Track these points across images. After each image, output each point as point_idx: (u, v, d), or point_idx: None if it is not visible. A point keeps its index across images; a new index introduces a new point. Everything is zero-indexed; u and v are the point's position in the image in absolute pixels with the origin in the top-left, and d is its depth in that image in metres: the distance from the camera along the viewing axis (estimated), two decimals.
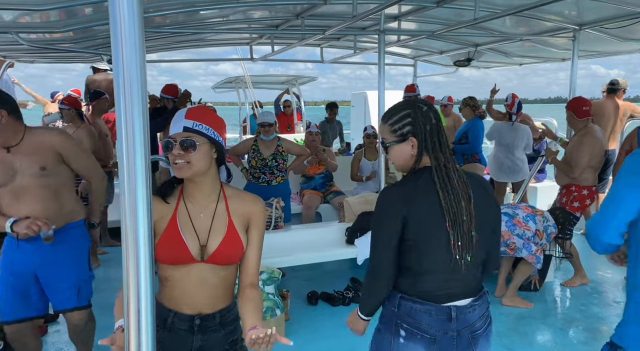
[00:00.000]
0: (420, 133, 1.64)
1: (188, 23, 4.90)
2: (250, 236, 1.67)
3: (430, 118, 1.65)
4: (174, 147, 1.53)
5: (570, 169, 4.19)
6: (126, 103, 0.92)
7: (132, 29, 0.89)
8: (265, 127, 4.60)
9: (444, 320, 1.62)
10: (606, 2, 4.15)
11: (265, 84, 10.47)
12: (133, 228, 0.93)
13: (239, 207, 1.65)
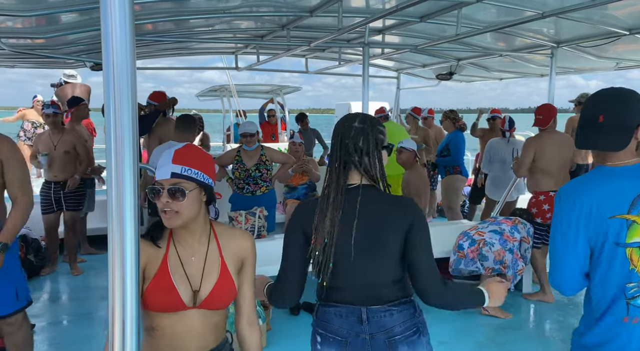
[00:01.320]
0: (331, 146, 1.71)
1: (174, 31, 4.91)
2: (245, 273, 1.63)
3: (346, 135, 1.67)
4: (162, 195, 1.44)
5: (516, 168, 4.38)
6: (116, 111, 0.93)
7: (124, 37, 0.90)
8: (247, 137, 4.59)
9: (355, 322, 1.66)
10: (582, 21, 4.30)
11: (250, 93, 10.48)
12: (120, 236, 0.94)
13: (231, 246, 1.60)
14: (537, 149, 4.24)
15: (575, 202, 1.55)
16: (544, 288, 4.37)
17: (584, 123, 1.61)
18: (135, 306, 0.96)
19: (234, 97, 8.63)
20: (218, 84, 8.94)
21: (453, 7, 4.10)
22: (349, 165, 1.67)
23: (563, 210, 1.58)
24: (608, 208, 1.52)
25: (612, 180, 1.55)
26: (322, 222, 1.64)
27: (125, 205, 0.92)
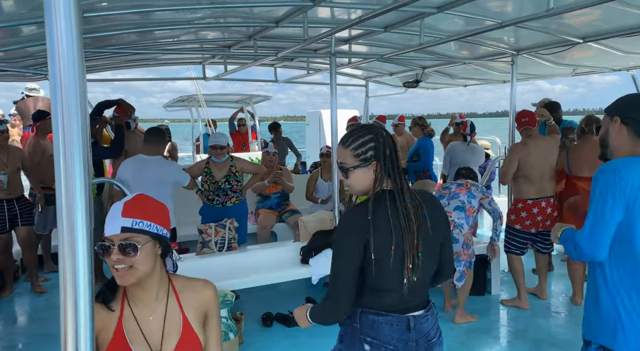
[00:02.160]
0: (382, 158, 1.70)
1: (139, 43, 4.84)
2: (209, 327, 1.53)
3: (390, 144, 1.72)
4: (112, 251, 1.35)
5: (501, 176, 4.42)
6: (64, 127, 0.91)
7: (71, 50, 0.89)
8: (217, 149, 4.55)
9: (404, 330, 1.70)
10: (540, 30, 4.46)
11: (219, 102, 10.41)
12: (72, 258, 0.92)
13: (192, 299, 1.50)
14: (521, 156, 4.24)
15: (622, 178, 1.75)
16: (520, 294, 4.40)
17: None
18: (90, 331, 0.93)
19: (202, 106, 8.55)
20: (190, 93, 8.83)
21: (416, 18, 4.19)
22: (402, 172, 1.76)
23: (610, 186, 1.76)
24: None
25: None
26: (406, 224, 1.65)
27: (76, 224, 0.90)
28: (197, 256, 4.29)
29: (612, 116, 1.89)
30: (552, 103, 5.37)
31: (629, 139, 1.84)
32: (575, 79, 6.87)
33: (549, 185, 4.31)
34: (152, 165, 4.01)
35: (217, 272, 3.97)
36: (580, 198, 4.03)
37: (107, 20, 3.71)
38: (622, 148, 1.87)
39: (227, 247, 4.35)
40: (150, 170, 3.98)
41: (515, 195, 4.44)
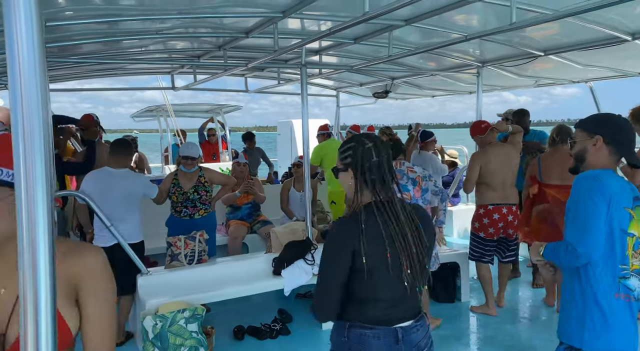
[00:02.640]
0: (358, 168, 1.74)
1: (106, 52, 4.74)
2: (85, 307, 1.17)
3: (370, 156, 1.73)
4: None
5: (464, 184, 4.48)
6: (25, 138, 0.87)
7: (32, 59, 0.86)
8: (188, 160, 4.49)
9: (392, 343, 1.70)
10: (504, 43, 4.61)
11: (189, 112, 10.29)
12: (32, 271, 0.88)
13: (61, 270, 1.05)
14: (482, 164, 4.34)
15: (605, 187, 1.89)
16: (488, 301, 4.46)
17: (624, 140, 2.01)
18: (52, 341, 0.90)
19: (171, 116, 8.42)
20: (159, 103, 8.70)
21: (384, 30, 4.26)
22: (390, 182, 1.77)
23: (594, 191, 1.89)
24: (623, 200, 1.91)
25: (619, 180, 1.98)
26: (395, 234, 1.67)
27: (38, 240, 0.87)
28: (166, 270, 4.19)
29: (593, 135, 1.99)
30: (520, 110, 5.41)
31: (608, 157, 1.98)
32: (539, 90, 7.11)
33: (511, 192, 4.41)
34: (118, 178, 3.91)
35: (187, 286, 3.90)
36: (550, 206, 4.13)
37: (72, 30, 3.62)
38: (599, 164, 1.99)
39: (197, 260, 4.26)
40: (117, 183, 3.88)
41: (477, 202, 4.52)
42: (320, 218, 6.00)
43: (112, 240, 3.80)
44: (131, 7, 3.39)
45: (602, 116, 2.11)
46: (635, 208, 1.94)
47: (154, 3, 3.30)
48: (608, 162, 2.00)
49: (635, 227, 1.92)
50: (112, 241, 3.81)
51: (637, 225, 1.93)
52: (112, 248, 3.85)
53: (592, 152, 2.00)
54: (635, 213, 1.93)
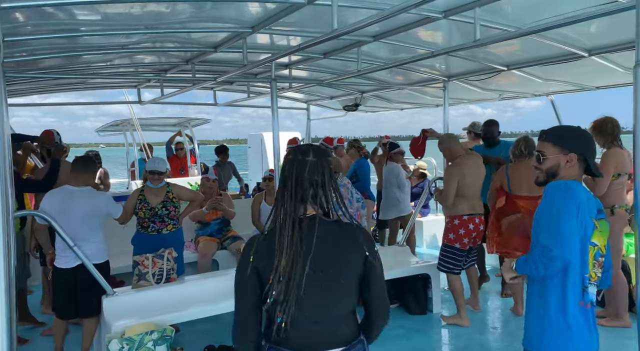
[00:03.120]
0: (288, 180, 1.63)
1: (68, 67, 4.61)
2: None
3: (301, 171, 1.62)
4: None
5: (443, 199, 4.44)
6: None
7: None
8: (155, 175, 4.38)
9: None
10: (468, 59, 4.74)
11: (156, 126, 10.10)
12: None
13: None
14: (459, 178, 4.35)
15: (576, 196, 1.96)
16: (460, 312, 4.47)
17: (594, 157, 2.09)
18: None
19: (138, 131, 8.24)
20: (126, 116, 8.46)
21: (353, 45, 4.31)
22: (306, 198, 1.64)
23: (567, 198, 1.95)
24: (590, 210, 1.97)
25: (587, 191, 2.05)
26: (282, 257, 1.55)
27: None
28: (132, 290, 4.06)
29: (568, 152, 2.03)
30: (489, 121, 5.44)
31: (577, 171, 2.05)
32: (504, 103, 7.32)
33: (478, 202, 4.49)
34: (79, 196, 3.77)
35: (156, 306, 3.78)
36: (522, 217, 4.21)
37: (32, 44, 3.51)
38: (569, 177, 2.04)
39: (165, 279, 4.14)
40: (78, 201, 3.74)
41: (450, 213, 4.51)
42: None
43: (75, 261, 3.67)
44: (95, 22, 3.31)
45: (574, 133, 2.11)
46: (599, 220, 2.00)
47: (119, 18, 3.24)
48: (577, 175, 2.07)
49: (597, 237, 1.98)
50: (75, 262, 3.67)
51: (599, 235, 1.99)
52: (75, 270, 3.70)
53: (565, 168, 2.04)
54: (598, 224, 1.98)
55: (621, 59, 4.23)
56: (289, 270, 1.55)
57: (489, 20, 3.49)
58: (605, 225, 2.03)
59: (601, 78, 5.22)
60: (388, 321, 1.75)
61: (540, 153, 2.09)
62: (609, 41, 3.89)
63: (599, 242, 1.99)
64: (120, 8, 3.00)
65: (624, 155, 4.03)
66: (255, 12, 3.36)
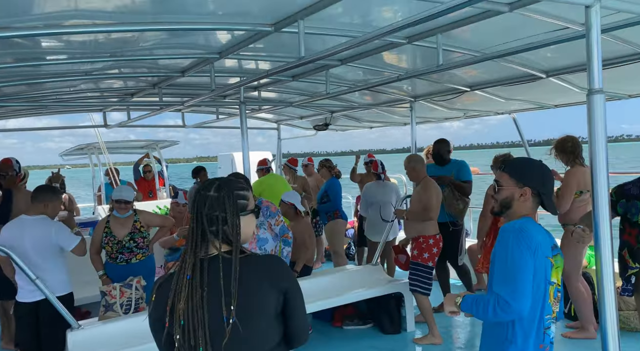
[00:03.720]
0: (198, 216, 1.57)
1: (31, 93, 4.49)
2: None
3: (202, 205, 1.56)
4: None
5: (425, 211, 4.39)
6: None
7: None
8: (122, 204, 4.23)
9: None
10: (433, 81, 4.87)
11: (124, 149, 9.90)
12: None
13: None
14: (436, 196, 4.40)
15: (531, 239, 1.90)
16: (432, 330, 4.46)
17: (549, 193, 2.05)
18: None
19: (104, 153, 8.05)
20: (92, 137, 8.21)
21: (321, 69, 4.37)
22: (207, 235, 1.55)
23: (522, 243, 1.90)
24: (545, 250, 1.93)
25: (541, 229, 2.00)
26: (180, 301, 1.47)
27: None
28: (99, 321, 3.92)
29: (522, 185, 1.99)
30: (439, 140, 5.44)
31: (530, 207, 2.01)
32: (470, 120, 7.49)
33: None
34: (30, 225, 3.62)
35: (124, 338, 3.65)
36: None
37: None
38: (519, 212, 2.01)
39: (134, 308, 4.03)
40: (31, 232, 3.59)
41: (423, 232, 4.47)
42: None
43: (37, 295, 3.52)
44: (58, 50, 3.25)
45: (532, 168, 2.06)
46: (554, 256, 1.98)
47: (82, 46, 3.19)
48: (530, 210, 2.02)
49: (555, 275, 1.96)
50: (38, 296, 3.52)
51: (556, 272, 1.97)
52: (37, 304, 3.55)
53: (518, 202, 2.00)
54: (554, 261, 1.96)
55: (576, 79, 4.45)
56: (190, 314, 1.47)
57: (451, 45, 3.61)
58: (560, 260, 2.02)
59: (559, 97, 5.46)
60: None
61: (497, 182, 2.07)
62: (564, 63, 4.08)
63: (557, 278, 1.97)
64: (84, 36, 2.96)
65: (586, 173, 4.15)
66: (222, 38, 3.37)
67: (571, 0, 1.95)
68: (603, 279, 1.99)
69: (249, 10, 2.79)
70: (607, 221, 2.01)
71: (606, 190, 1.99)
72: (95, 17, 2.60)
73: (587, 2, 1.93)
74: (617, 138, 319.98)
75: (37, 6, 2.41)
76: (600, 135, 1.96)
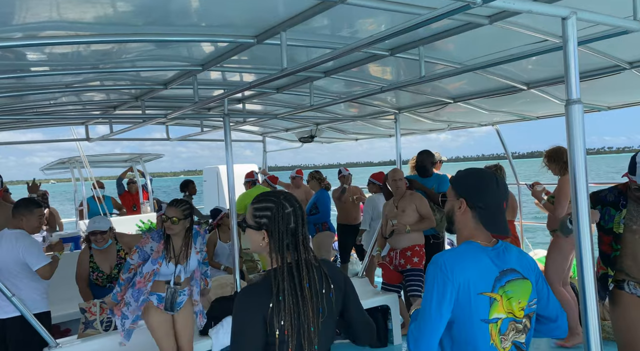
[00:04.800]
0: (275, 232, 1.68)
1: (10, 106, 4.42)
2: None
3: (289, 221, 1.69)
4: None
5: (429, 220, 4.65)
6: None
7: None
8: (97, 235, 4.09)
9: None
10: (417, 93, 4.91)
11: (107, 163, 9.77)
12: None
13: None
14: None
15: (455, 275, 1.66)
16: None
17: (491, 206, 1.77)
18: None
19: (86, 167, 7.92)
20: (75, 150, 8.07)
21: (305, 81, 4.38)
22: (305, 243, 1.72)
23: (439, 281, 1.68)
24: (479, 285, 1.68)
25: (482, 258, 1.73)
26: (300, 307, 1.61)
27: None
28: (78, 339, 3.81)
29: (459, 195, 1.81)
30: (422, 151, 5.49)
31: (471, 222, 1.78)
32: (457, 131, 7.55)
33: None
34: (7, 239, 3.55)
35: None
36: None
37: None
38: (464, 229, 1.81)
39: (114, 326, 3.92)
40: (6, 246, 3.53)
41: (417, 241, 4.67)
42: (250, 267, 5.82)
43: (5, 313, 3.43)
44: (39, 62, 3.21)
45: (467, 177, 1.86)
46: (508, 283, 1.72)
47: (63, 58, 3.15)
48: (473, 229, 1.78)
49: (500, 309, 1.70)
50: (5, 314, 3.43)
51: (502, 306, 1.70)
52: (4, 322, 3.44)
53: (458, 214, 1.81)
54: (498, 295, 1.70)
55: (556, 91, 4.53)
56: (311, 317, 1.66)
57: (433, 57, 3.65)
58: (519, 285, 1.74)
59: (541, 108, 5.54)
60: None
61: (443, 195, 1.95)
62: (544, 75, 4.15)
63: (504, 312, 1.70)
64: (66, 48, 2.93)
65: None
66: (205, 50, 3.36)
67: (548, 12, 1.97)
68: (585, 288, 1.98)
69: (231, 21, 2.79)
70: (588, 230, 2.01)
71: (586, 199, 1.99)
72: (76, 29, 2.57)
73: (564, 14, 1.96)
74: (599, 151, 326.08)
75: (17, 16, 2.38)
76: (578, 144, 1.97)
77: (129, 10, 2.42)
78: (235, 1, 2.48)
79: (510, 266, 1.75)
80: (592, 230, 2.05)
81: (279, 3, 2.51)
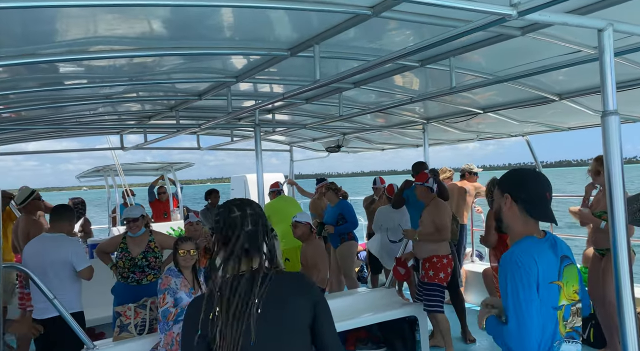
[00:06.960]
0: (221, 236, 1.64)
1: (51, 116, 4.62)
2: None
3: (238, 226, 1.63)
4: None
5: (439, 232, 4.41)
6: None
7: None
8: (130, 222, 4.29)
9: None
10: (446, 102, 4.90)
11: (139, 171, 10.04)
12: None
13: None
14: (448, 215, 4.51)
15: (530, 271, 1.74)
16: (449, 349, 4.43)
17: (533, 197, 1.86)
18: None
19: (120, 176, 8.17)
20: (109, 159, 8.36)
21: (334, 92, 4.44)
22: (253, 251, 1.62)
23: (521, 277, 1.74)
24: (548, 275, 1.77)
25: (544, 249, 1.82)
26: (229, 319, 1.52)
27: None
28: (114, 342, 3.92)
29: (503, 192, 1.90)
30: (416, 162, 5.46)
31: (520, 217, 1.85)
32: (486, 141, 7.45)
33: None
34: (50, 242, 3.73)
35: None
36: None
37: (11, 97, 3.53)
38: (515, 225, 1.88)
39: (148, 329, 4.02)
40: (48, 248, 3.70)
41: (436, 253, 4.47)
42: None
43: (48, 313, 3.55)
44: (78, 75, 3.36)
45: (510, 174, 1.97)
46: (564, 269, 1.83)
47: (102, 71, 3.29)
48: (524, 223, 1.86)
49: (563, 296, 1.81)
50: (48, 313, 3.56)
51: (564, 292, 1.81)
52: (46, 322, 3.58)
53: (505, 212, 1.88)
54: (562, 282, 1.80)
55: (590, 102, 4.44)
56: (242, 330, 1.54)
57: (463, 67, 3.64)
58: (571, 270, 1.86)
59: (573, 119, 5.44)
60: None
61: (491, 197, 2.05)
62: (577, 86, 4.08)
63: (566, 298, 1.81)
64: (105, 61, 3.06)
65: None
66: (239, 63, 3.46)
67: (584, 24, 1.97)
68: (622, 304, 1.94)
69: (265, 35, 2.86)
70: (625, 243, 1.98)
71: (623, 211, 1.97)
72: (117, 43, 2.69)
73: (600, 25, 1.95)
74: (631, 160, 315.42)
75: (61, 33, 2.51)
76: (615, 155, 1.95)
77: (169, 26, 2.52)
78: (269, 16, 2.55)
79: (563, 253, 1.86)
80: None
81: (312, 17, 2.57)
